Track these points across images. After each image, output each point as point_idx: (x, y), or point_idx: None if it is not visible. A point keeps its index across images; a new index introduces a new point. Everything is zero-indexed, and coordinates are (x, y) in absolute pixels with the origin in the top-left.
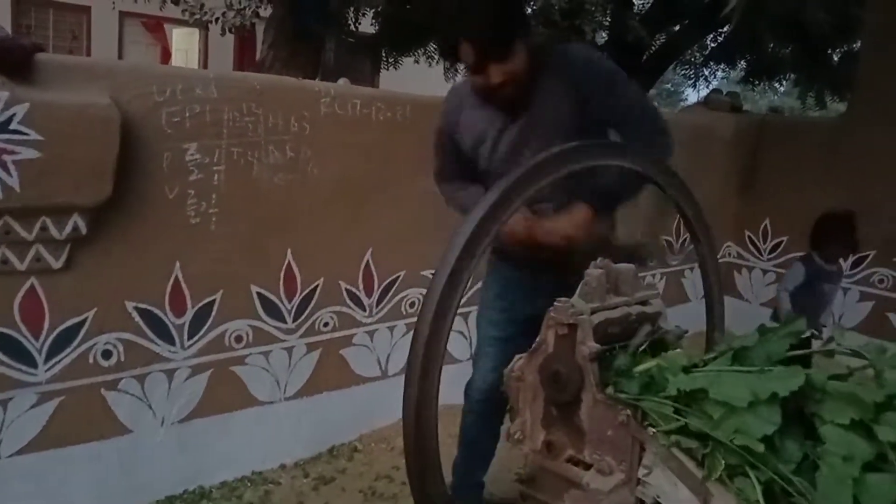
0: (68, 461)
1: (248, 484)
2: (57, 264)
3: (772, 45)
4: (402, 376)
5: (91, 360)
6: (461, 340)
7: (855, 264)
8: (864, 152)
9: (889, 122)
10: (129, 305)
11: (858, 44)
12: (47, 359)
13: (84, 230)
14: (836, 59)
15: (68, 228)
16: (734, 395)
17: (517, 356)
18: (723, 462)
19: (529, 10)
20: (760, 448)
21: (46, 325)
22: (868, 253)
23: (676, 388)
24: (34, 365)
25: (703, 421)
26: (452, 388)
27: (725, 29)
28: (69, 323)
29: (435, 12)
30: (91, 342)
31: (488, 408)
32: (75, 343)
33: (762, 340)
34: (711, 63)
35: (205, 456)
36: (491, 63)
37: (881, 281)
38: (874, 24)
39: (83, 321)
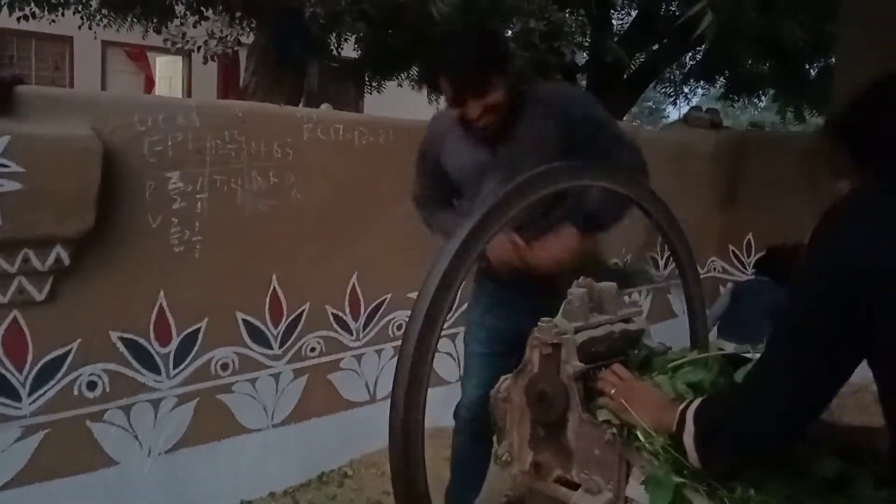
0: (54, 495)
1: None
2: (40, 296)
3: (749, 62)
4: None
5: (76, 392)
6: (449, 361)
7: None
8: None
9: None
10: (114, 335)
11: (834, 59)
12: (31, 391)
13: (67, 261)
14: (813, 74)
15: (51, 260)
16: None
17: (503, 377)
18: None
19: (509, 33)
20: None
21: (30, 357)
22: None
23: None
24: (18, 398)
25: None
26: (443, 409)
27: (703, 47)
28: (53, 355)
29: (417, 41)
30: (75, 373)
31: (477, 426)
32: (59, 375)
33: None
34: (691, 81)
35: (193, 486)
36: (469, 97)
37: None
38: (847, 39)
39: (67, 352)
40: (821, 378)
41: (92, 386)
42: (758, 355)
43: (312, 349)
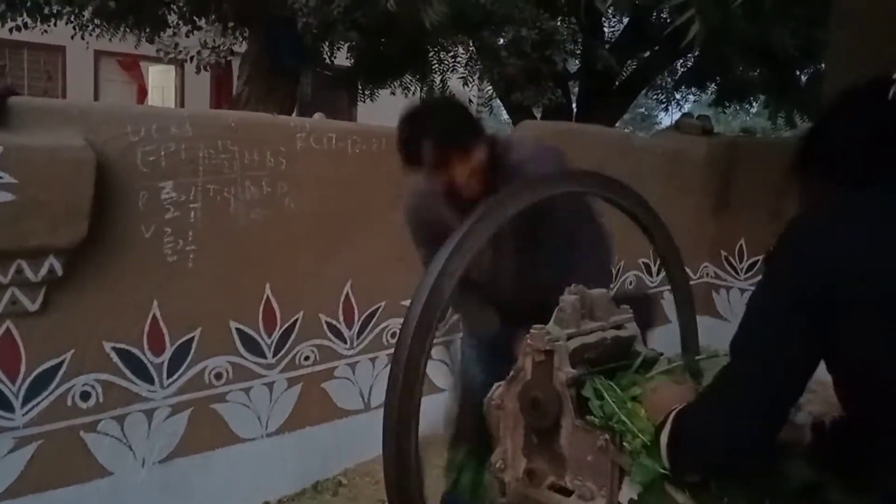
0: None
1: None
2: (33, 306)
3: (740, 68)
4: None
5: (69, 403)
6: (444, 369)
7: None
8: None
9: None
10: (107, 346)
11: (824, 65)
12: (24, 402)
13: (60, 272)
14: (803, 80)
15: (44, 270)
16: None
17: (496, 384)
18: None
19: (501, 41)
20: None
21: (23, 368)
22: None
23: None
24: (11, 409)
25: None
26: (437, 417)
27: (695, 54)
28: (46, 365)
29: (409, 50)
30: (69, 384)
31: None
32: (53, 385)
33: None
34: (682, 87)
35: (187, 496)
36: (455, 160)
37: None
38: (837, 44)
39: (61, 363)
40: (781, 381)
41: (85, 396)
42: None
43: (306, 358)
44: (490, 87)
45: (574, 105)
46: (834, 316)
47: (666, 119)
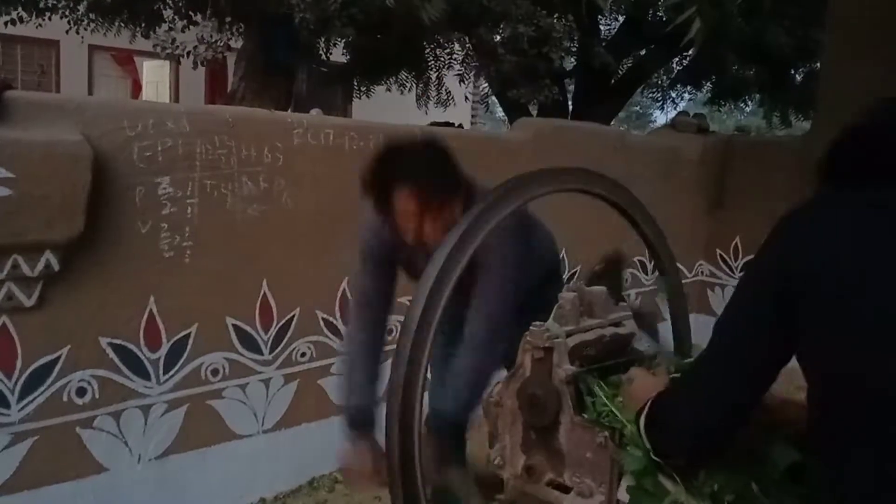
0: (44, 502)
1: None
2: (29, 302)
3: (736, 67)
4: (382, 404)
5: (65, 398)
6: None
7: None
8: None
9: None
10: (103, 341)
11: (819, 64)
12: (20, 398)
13: (56, 267)
14: (798, 78)
15: (40, 266)
16: None
17: (495, 381)
18: None
19: (498, 38)
20: None
21: (19, 363)
22: None
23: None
24: (7, 405)
25: None
26: None
27: (690, 52)
28: (42, 361)
29: (405, 46)
30: (65, 380)
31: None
32: (49, 381)
33: None
34: (678, 85)
35: (183, 492)
36: (427, 216)
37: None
38: (832, 43)
39: (57, 359)
40: (749, 369)
41: (81, 392)
42: None
43: (303, 354)
44: (486, 84)
45: (570, 102)
46: (798, 309)
47: (661, 117)
